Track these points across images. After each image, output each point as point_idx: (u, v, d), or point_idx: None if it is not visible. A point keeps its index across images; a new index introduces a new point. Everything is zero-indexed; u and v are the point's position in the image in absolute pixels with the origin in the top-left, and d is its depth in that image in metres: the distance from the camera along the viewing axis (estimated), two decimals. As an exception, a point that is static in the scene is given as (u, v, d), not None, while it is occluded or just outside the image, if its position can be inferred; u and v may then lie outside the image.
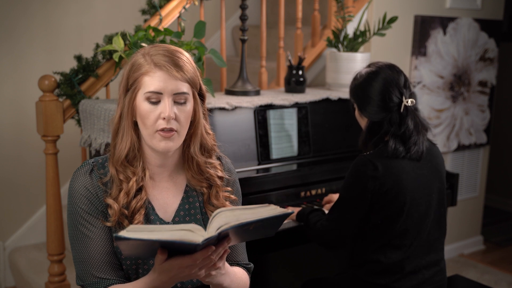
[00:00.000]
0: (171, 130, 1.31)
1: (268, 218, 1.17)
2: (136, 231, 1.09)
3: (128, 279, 1.36)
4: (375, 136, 1.88)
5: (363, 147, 1.92)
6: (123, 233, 1.07)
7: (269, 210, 1.18)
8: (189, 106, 1.34)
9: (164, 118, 1.29)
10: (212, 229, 1.13)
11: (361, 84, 1.90)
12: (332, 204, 2.23)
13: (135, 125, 1.36)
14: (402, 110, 1.83)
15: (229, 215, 1.15)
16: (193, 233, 1.11)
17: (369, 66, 1.93)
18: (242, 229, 1.17)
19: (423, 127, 1.87)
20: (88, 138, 2.24)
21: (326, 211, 2.16)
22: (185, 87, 1.32)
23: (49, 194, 2.32)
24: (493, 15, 3.61)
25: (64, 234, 2.39)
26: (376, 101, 1.85)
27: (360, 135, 1.94)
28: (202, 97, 1.40)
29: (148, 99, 1.30)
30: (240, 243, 1.50)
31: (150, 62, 1.30)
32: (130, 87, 1.33)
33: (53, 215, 2.33)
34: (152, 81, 1.29)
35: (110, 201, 1.33)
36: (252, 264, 1.54)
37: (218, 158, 1.50)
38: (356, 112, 1.96)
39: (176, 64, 1.30)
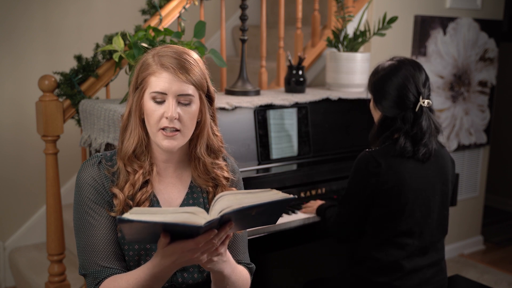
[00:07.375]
0: (174, 130, 1.35)
1: (270, 203, 1.18)
2: (140, 214, 1.11)
3: (129, 270, 1.38)
4: (386, 131, 1.87)
5: (373, 141, 1.92)
6: (126, 215, 1.09)
7: (271, 195, 1.19)
8: (194, 107, 1.37)
9: (167, 118, 1.33)
10: (215, 212, 1.15)
11: (381, 77, 1.87)
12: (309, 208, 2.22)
13: (143, 122, 1.40)
14: (417, 109, 1.82)
15: (231, 199, 1.17)
16: (195, 216, 1.12)
17: (392, 59, 1.90)
18: (244, 213, 1.18)
19: (436, 130, 1.85)
20: (88, 138, 2.24)
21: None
22: (190, 89, 1.35)
23: (49, 194, 2.32)
24: (493, 15, 3.61)
25: (64, 234, 2.39)
26: (392, 97, 1.83)
27: (372, 128, 1.93)
28: (210, 99, 1.44)
29: (153, 98, 1.34)
30: (241, 242, 1.51)
31: (158, 62, 1.35)
32: (139, 85, 1.38)
33: (53, 215, 2.33)
34: (158, 81, 1.33)
35: (116, 190, 1.37)
36: (253, 265, 1.54)
37: (224, 159, 1.52)
38: (371, 104, 1.94)
39: (182, 66, 1.34)
